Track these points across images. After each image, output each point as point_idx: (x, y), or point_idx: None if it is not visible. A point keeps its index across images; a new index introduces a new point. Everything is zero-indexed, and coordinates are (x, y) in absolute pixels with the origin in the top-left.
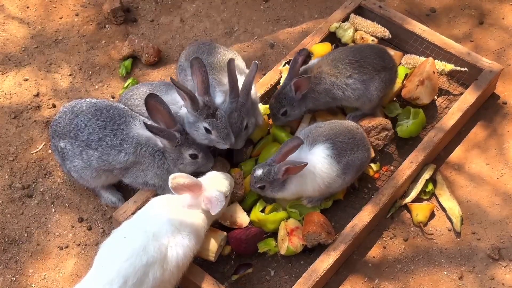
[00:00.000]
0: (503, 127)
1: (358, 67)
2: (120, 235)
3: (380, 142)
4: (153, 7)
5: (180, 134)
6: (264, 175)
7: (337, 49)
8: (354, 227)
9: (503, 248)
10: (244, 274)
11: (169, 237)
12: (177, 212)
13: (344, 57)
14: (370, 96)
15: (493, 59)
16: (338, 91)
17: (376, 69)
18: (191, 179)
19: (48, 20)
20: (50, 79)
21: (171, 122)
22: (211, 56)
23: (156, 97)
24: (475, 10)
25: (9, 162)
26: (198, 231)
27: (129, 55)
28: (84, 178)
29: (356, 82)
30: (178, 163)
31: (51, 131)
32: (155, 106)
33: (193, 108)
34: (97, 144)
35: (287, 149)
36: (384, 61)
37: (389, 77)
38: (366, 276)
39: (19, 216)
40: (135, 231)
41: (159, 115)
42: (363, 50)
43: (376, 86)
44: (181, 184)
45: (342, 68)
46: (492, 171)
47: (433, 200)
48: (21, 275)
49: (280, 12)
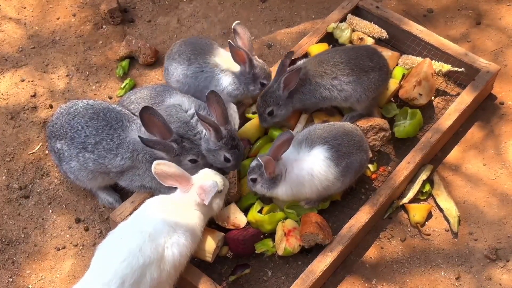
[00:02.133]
0: (500, 128)
1: (343, 68)
2: (117, 236)
3: (378, 142)
4: (150, 8)
5: (177, 144)
6: (256, 166)
7: (325, 50)
8: (351, 227)
9: (500, 248)
10: (242, 274)
11: (165, 237)
12: (172, 212)
13: (330, 58)
14: (359, 97)
15: (490, 60)
16: (324, 91)
17: (364, 70)
18: (177, 169)
19: (45, 21)
20: (47, 80)
21: (167, 133)
22: (190, 46)
23: (150, 109)
24: (472, 10)
25: (6, 162)
26: (194, 230)
27: (126, 55)
28: (81, 180)
29: (341, 83)
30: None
31: (48, 131)
32: (150, 119)
33: (217, 138)
34: (93, 147)
35: (278, 143)
36: (372, 62)
37: (379, 78)
38: (363, 277)
39: (16, 216)
40: (131, 232)
41: (155, 128)
42: (349, 51)
43: (365, 87)
44: (165, 171)
45: (327, 69)
46: (489, 171)
47: (430, 200)
48: (18, 276)
49: (278, 13)
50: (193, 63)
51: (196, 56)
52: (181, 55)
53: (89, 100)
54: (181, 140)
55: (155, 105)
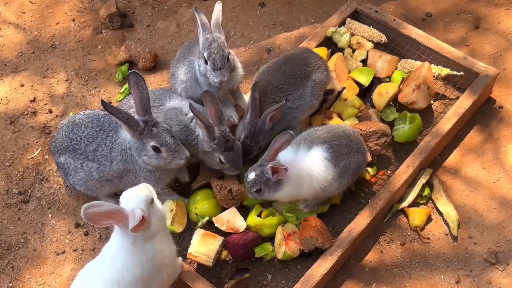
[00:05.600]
0: (499, 132)
1: (287, 89)
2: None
3: (379, 147)
4: (149, 12)
5: (145, 124)
6: (257, 177)
7: (259, 77)
8: (351, 231)
9: (500, 252)
10: (241, 279)
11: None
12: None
13: (270, 85)
14: (310, 103)
15: (489, 64)
16: (288, 113)
17: (304, 77)
18: (108, 205)
19: (45, 26)
20: (47, 85)
21: (142, 110)
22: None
23: (138, 76)
24: (471, 14)
25: (6, 167)
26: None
27: (125, 60)
28: (91, 189)
29: (294, 102)
30: (142, 154)
31: (51, 148)
32: (135, 86)
33: (209, 137)
34: (93, 155)
35: (277, 145)
36: (309, 66)
37: (321, 76)
38: (363, 281)
39: (16, 221)
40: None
41: (136, 99)
42: (282, 67)
43: (309, 92)
44: (96, 213)
45: (276, 96)
46: (489, 175)
47: (430, 204)
48: (18, 281)
49: (277, 17)
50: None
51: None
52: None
53: (86, 111)
54: (153, 124)
55: (154, 108)
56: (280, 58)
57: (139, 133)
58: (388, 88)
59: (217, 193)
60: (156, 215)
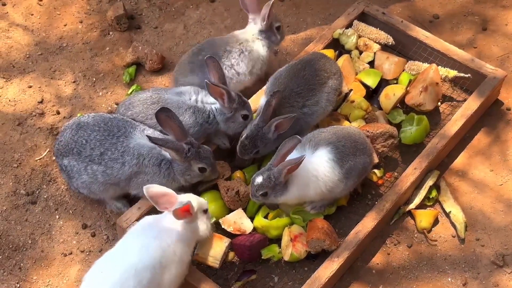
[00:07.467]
0: (506, 134)
1: (305, 94)
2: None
3: (386, 149)
4: (157, 14)
5: (191, 147)
6: (265, 181)
7: (277, 81)
8: (357, 233)
9: (507, 254)
10: (248, 280)
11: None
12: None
13: (289, 89)
14: (325, 109)
15: (496, 66)
16: (299, 121)
17: (322, 83)
18: (165, 188)
19: (52, 27)
20: (54, 86)
21: (181, 136)
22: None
23: (167, 110)
24: (478, 16)
25: (13, 169)
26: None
27: (133, 62)
28: (94, 192)
29: (311, 108)
30: (186, 174)
31: (55, 150)
32: (166, 121)
33: (230, 102)
34: (100, 159)
35: (285, 150)
36: (327, 72)
37: (337, 83)
38: (370, 283)
39: (23, 222)
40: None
41: (170, 130)
42: (301, 72)
43: (325, 98)
44: (158, 192)
45: (292, 101)
46: (496, 177)
47: (437, 206)
48: (25, 282)
49: (283, 19)
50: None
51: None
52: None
53: (91, 114)
54: (197, 145)
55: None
56: (296, 63)
57: (185, 156)
58: (395, 90)
59: (224, 195)
60: (203, 222)
